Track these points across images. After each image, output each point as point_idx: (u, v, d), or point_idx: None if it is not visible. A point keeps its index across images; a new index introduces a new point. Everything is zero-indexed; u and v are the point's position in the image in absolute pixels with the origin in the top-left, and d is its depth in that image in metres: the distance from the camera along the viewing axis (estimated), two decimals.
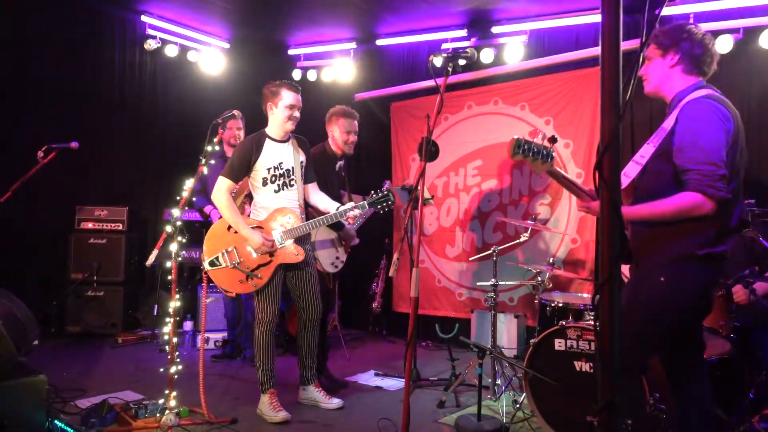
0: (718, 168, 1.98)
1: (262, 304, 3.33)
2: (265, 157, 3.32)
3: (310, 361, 3.50)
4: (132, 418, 3.03)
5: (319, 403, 3.46)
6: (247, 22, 5.97)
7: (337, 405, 3.45)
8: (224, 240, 3.30)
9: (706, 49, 2.17)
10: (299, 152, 3.47)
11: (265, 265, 3.28)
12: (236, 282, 3.29)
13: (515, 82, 5.17)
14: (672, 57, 2.19)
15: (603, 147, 1.23)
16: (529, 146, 1.81)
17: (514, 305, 5.06)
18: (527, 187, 5.06)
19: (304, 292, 3.43)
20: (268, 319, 3.32)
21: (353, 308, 6.00)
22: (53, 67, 5.19)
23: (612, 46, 1.23)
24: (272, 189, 3.35)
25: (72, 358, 4.50)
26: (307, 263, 3.42)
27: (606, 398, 1.19)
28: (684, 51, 2.17)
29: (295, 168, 3.40)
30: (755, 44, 4.09)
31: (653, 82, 2.26)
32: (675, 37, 2.18)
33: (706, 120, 2.04)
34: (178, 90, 6.06)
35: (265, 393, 3.32)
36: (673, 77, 2.21)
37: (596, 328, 1.24)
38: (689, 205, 1.99)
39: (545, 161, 1.86)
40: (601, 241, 1.25)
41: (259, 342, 3.34)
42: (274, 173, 3.34)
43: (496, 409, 3.46)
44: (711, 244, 2.06)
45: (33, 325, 3.16)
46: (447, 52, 2.33)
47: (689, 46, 2.16)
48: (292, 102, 3.33)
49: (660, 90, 2.26)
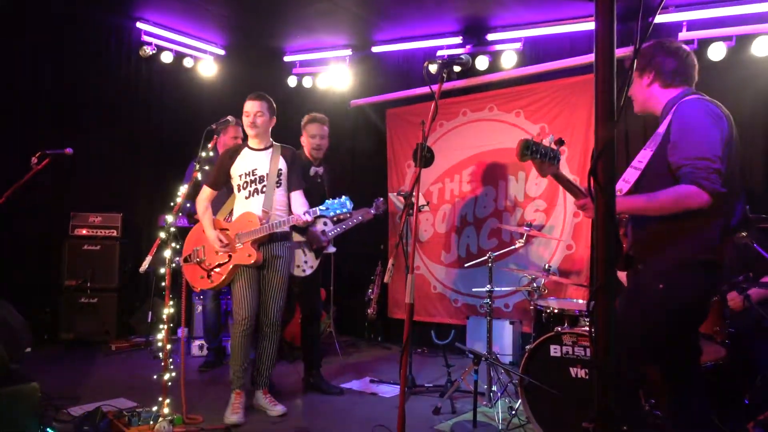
0: (712, 162, 1.99)
1: (234, 306, 3.50)
2: (239, 164, 3.51)
3: (263, 367, 3.53)
4: (125, 426, 3.00)
5: (265, 408, 3.49)
6: (242, 29, 5.98)
7: (280, 411, 3.45)
8: (198, 239, 3.60)
9: (680, 60, 2.22)
10: (280, 160, 3.54)
11: (222, 265, 3.47)
12: (198, 277, 3.56)
13: (510, 89, 5.20)
14: (647, 76, 2.26)
15: (597, 153, 1.24)
16: (537, 148, 1.81)
17: (510, 311, 5.06)
18: (522, 193, 5.07)
19: (266, 297, 3.51)
20: (240, 318, 3.43)
21: (348, 315, 5.98)
22: (47, 73, 5.17)
23: (606, 54, 1.24)
24: (243, 195, 3.51)
25: (65, 366, 4.47)
26: (275, 270, 3.49)
27: (602, 405, 1.19)
28: (657, 68, 2.23)
29: (270, 175, 3.48)
30: (748, 52, 4.12)
31: (638, 101, 2.33)
32: (648, 57, 2.24)
33: (698, 118, 2.07)
34: (173, 96, 6.04)
35: (232, 392, 3.42)
36: (654, 94, 2.26)
37: (592, 334, 1.24)
38: (684, 195, 1.99)
39: (552, 164, 1.86)
40: (596, 247, 1.25)
41: (232, 342, 3.53)
42: (246, 179, 3.50)
43: (491, 415, 3.45)
44: (712, 249, 2.07)
45: (25, 332, 3.14)
46: (442, 59, 2.34)
47: (661, 61, 2.22)
48: (246, 109, 3.51)
49: (646, 108, 2.32)
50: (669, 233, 2.09)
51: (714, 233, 2.07)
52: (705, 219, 2.04)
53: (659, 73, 2.22)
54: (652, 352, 2.24)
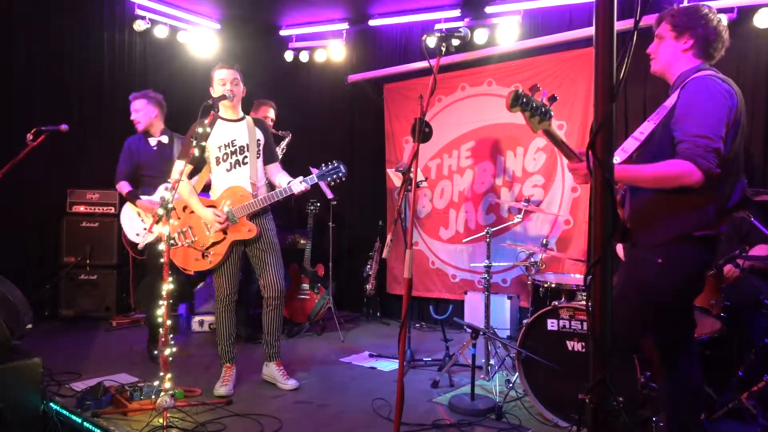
0: (712, 141, 1.97)
1: (218, 281, 3.48)
2: (216, 136, 3.40)
3: (273, 339, 3.55)
4: (127, 401, 3.05)
5: (277, 381, 3.51)
6: (238, 2, 5.88)
7: (292, 386, 3.48)
8: (180, 221, 3.48)
9: (719, 36, 2.17)
10: (255, 131, 3.51)
11: (219, 243, 3.41)
12: (192, 260, 3.47)
13: (509, 63, 5.14)
14: (686, 41, 2.17)
15: (596, 127, 1.23)
16: (528, 100, 1.77)
17: (507, 286, 5.09)
18: (521, 168, 5.06)
19: (265, 269, 3.48)
20: (223, 294, 3.45)
21: (346, 290, 6.02)
22: (41, 49, 5.10)
23: (606, 26, 1.22)
24: (224, 168, 3.43)
25: (66, 342, 4.50)
26: (268, 241, 3.48)
27: (598, 377, 1.20)
28: (699, 36, 2.15)
29: (251, 145, 3.45)
30: (750, 24, 4.07)
31: (662, 61, 2.25)
32: (692, 21, 2.16)
33: (707, 95, 2.04)
34: (168, 71, 5.97)
35: (222, 366, 3.48)
36: (683, 60, 2.20)
37: (588, 308, 1.24)
38: (677, 172, 1.99)
39: (543, 119, 1.83)
40: (594, 221, 1.26)
41: (216, 318, 3.54)
42: (226, 151, 3.42)
43: (489, 388, 3.50)
44: (708, 225, 2.07)
45: (26, 308, 3.16)
46: (440, 32, 2.30)
47: (704, 31, 2.15)
48: (222, 77, 3.39)
49: (667, 71, 2.25)
50: (668, 206, 2.09)
51: (709, 210, 2.07)
52: (702, 197, 2.04)
53: (699, 42, 2.16)
54: (648, 324, 2.27)
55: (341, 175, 3.41)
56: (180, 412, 2.98)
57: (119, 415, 2.95)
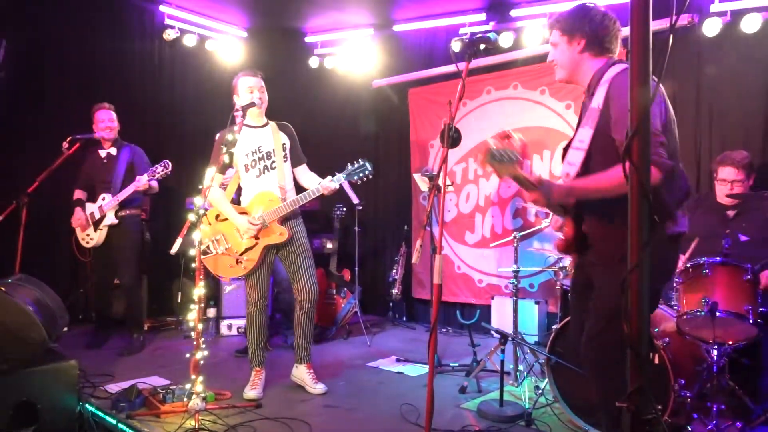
0: (657, 136, 1.90)
1: (249, 286, 3.52)
2: (242, 143, 3.43)
3: (304, 342, 3.56)
4: (160, 403, 3.10)
5: (306, 384, 3.53)
6: (263, 10, 5.96)
7: (320, 390, 3.48)
8: (213, 229, 3.52)
9: (607, 29, 2.15)
10: (280, 135, 3.54)
11: (252, 248, 3.44)
12: (227, 267, 3.49)
13: (534, 66, 5.10)
14: (578, 41, 2.16)
15: (632, 131, 1.22)
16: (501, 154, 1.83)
17: (535, 291, 5.04)
18: (548, 172, 5.01)
19: (298, 272, 3.51)
20: (254, 299, 3.50)
21: (372, 295, 6.04)
22: (72, 58, 5.23)
23: (641, 27, 1.21)
24: (254, 174, 3.48)
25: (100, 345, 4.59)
26: (299, 244, 3.51)
27: (635, 383, 1.19)
28: (588, 35, 2.14)
29: (276, 150, 3.49)
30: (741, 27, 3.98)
31: (565, 67, 2.23)
32: (578, 22, 2.16)
33: None
34: (196, 79, 6.07)
35: (252, 369, 3.51)
36: (584, 61, 2.18)
37: (624, 314, 1.23)
38: None
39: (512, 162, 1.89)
40: (630, 228, 1.24)
41: (247, 321, 3.59)
42: (254, 158, 3.47)
43: (518, 394, 3.47)
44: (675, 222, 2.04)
45: (62, 312, 3.24)
46: (468, 37, 2.30)
47: (592, 28, 2.14)
48: (249, 84, 3.45)
49: (574, 75, 2.23)
50: None
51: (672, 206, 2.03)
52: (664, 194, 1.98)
53: (591, 42, 2.14)
54: None
55: (367, 173, 3.42)
56: (211, 415, 3.03)
57: (152, 417, 3.00)
